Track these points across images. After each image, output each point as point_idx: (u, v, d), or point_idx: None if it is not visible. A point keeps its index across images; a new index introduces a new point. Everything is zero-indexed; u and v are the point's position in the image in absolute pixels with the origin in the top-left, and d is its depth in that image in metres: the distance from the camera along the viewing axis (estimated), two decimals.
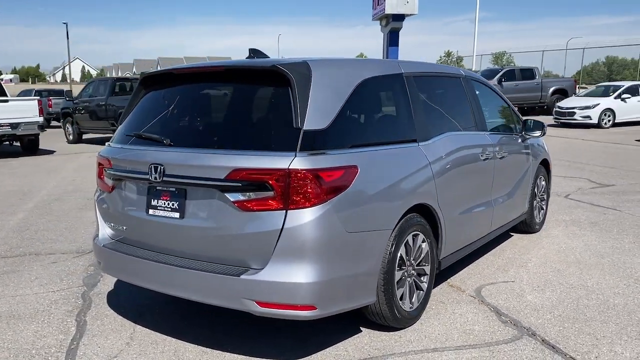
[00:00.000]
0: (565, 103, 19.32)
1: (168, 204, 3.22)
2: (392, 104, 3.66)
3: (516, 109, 5.83)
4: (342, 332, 3.56)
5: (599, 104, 18.30)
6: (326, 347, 3.39)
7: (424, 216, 3.67)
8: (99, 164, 3.70)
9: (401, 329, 3.59)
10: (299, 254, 2.86)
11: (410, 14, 42.12)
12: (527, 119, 5.62)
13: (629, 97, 18.52)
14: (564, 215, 6.86)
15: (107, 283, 4.58)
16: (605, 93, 19.20)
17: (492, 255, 5.28)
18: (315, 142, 2.93)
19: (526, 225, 5.88)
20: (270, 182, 2.85)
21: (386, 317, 3.42)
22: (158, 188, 3.27)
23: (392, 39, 42.63)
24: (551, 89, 23.20)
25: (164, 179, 3.16)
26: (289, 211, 2.85)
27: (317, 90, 3.04)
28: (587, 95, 20.17)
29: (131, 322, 3.83)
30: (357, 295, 3.17)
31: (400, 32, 37.31)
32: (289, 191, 2.83)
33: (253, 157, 2.92)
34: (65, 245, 5.77)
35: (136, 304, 4.14)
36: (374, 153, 3.29)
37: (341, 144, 3.08)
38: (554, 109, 19.62)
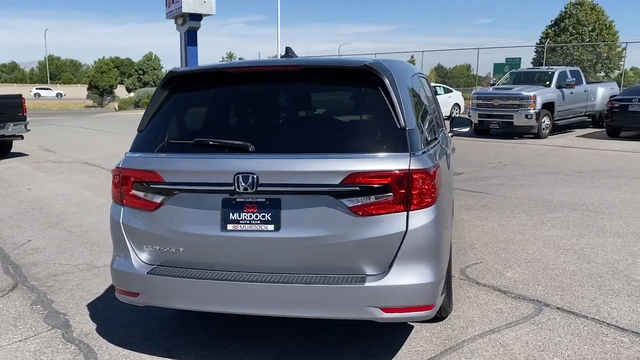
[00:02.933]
0: None
1: (257, 216, 2.89)
2: (422, 102, 3.79)
3: None
4: (398, 332, 3.60)
5: None
6: (400, 347, 3.40)
7: None
8: (126, 179, 3.12)
9: (445, 318, 3.76)
10: (421, 254, 2.85)
11: (208, 14, 41.89)
12: (455, 116, 6.21)
13: None
14: (454, 201, 7.70)
15: (82, 321, 3.86)
16: None
17: None
18: (415, 141, 2.94)
19: None
20: (390, 184, 2.78)
21: (444, 308, 3.56)
22: (238, 200, 2.91)
23: (190, 39, 42.00)
24: None
25: (258, 189, 2.83)
26: (410, 212, 2.81)
27: (401, 90, 3.04)
28: None
29: (165, 358, 3.33)
30: (444, 290, 3.26)
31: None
32: (410, 192, 2.80)
33: (369, 159, 2.81)
34: None
35: (145, 338, 3.58)
36: (438, 150, 3.41)
37: (424, 143, 3.13)
38: None
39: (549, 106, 15.79)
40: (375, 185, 2.78)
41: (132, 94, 39.54)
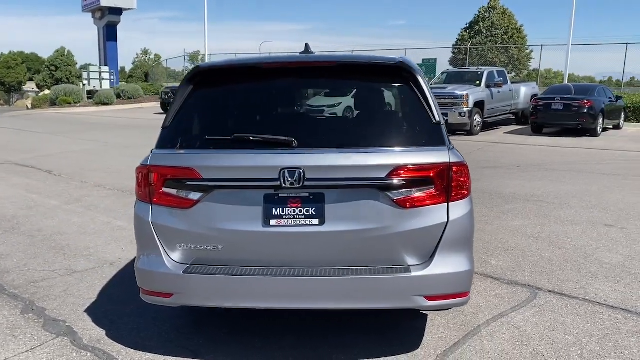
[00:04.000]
0: (315, 102, 21.40)
1: (301, 211, 2.89)
2: None
3: None
4: (415, 321, 3.72)
5: (341, 103, 20.86)
6: (422, 335, 3.52)
7: None
8: (156, 176, 3.01)
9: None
10: (459, 244, 2.97)
11: (129, 8, 40.15)
12: None
13: None
14: None
15: (86, 327, 3.67)
16: (343, 94, 22.00)
17: None
18: (446, 136, 3.07)
19: None
20: (433, 176, 2.89)
21: None
22: (281, 195, 2.90)
23: (110, 34, 40.21)
24: None
25: (305, 183, 2.84)
26: (450, 203, 2.93)
27: (429, 86, 3.16)
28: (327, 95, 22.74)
29: (192, 359, 3.26)
30: None
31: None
32: (450, 184, 2.91)
33: (412, 153, 2.90)
34: None
35: (163, 340, 3.47)
36: None
37: (448, 137, 3.26)
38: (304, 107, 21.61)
39: (479, 104, 16.62)
40: (420, 178, 2.88)
41: (47, 92, 37.23)
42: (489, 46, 45.97)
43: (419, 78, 3.06)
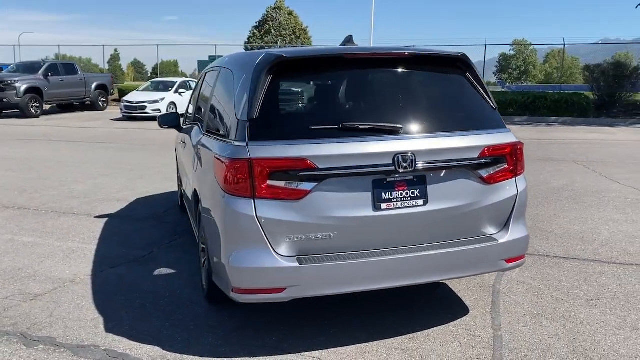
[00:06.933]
0: (133, 97, 20.07)
1: (407, 193, 3.06)
2: None
3: None
4: (444, 290, 4.12)
5: (164, 98, 20.02)
6: (461, 299, 3.94)
7: None
8: (261, 168, 2.87)
9: None
10: (522, 212, 3.45)
11: None
12: None
13: (184, 92, 20.97)
14: None
15: (131, 348, 3.28)
16: (164, 88, 21.06)
17: None
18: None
19: None
20: (508, 154, 3.32)
21: None
22: (389, 180, 3.03)
23: None
24: (94, 85, 23.33)
25: (417, 167, 3.01)
26: (517, 178, 3.39)
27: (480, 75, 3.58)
28: (145, 90, 21.51)
29: (280, 356, 3.18)
30: None
31: None
32: (516, 161, 3.37)
33: (492, 134, 3.28)
34: None
35: (237, 345, 3.30)
36: None
37: None
38: (122, 103, 20.11)
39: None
40: (500, 157, 3.29)
41: None
42: (280, 45, 48.06)
43: (476, 68, 3.45)
